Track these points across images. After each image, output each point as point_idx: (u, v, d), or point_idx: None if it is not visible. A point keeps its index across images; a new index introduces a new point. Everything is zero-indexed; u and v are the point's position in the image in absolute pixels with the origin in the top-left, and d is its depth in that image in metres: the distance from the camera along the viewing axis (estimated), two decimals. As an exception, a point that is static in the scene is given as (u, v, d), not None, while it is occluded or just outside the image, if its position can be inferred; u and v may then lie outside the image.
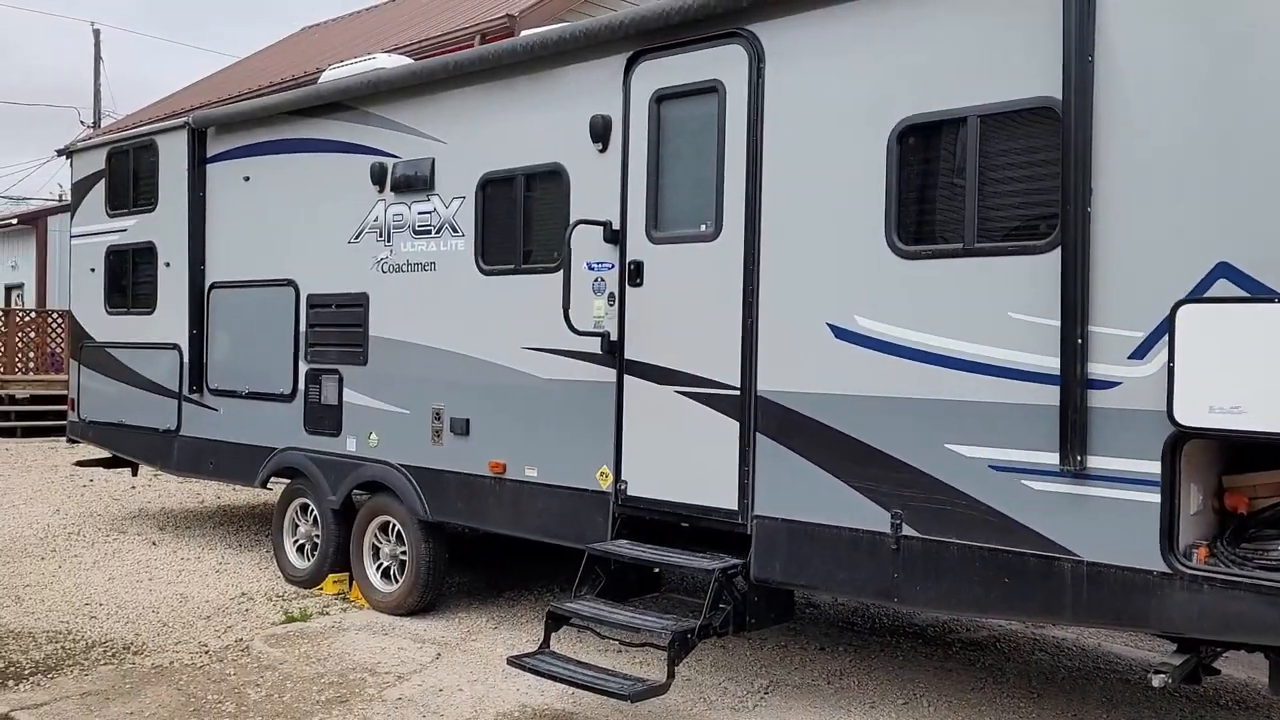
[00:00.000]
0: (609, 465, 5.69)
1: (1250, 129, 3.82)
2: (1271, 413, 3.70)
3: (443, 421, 6.52)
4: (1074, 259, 4.14)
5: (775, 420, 5.06)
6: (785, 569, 5.00)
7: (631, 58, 5.69)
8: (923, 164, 4.71)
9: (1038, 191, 4.35)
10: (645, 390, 5.56)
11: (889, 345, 4.70)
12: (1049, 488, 4.24)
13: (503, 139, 6.31)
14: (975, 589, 4.43)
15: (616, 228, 5.70)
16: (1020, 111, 4.38)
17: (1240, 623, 3.81)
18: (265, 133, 7.85)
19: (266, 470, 7.67)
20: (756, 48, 5.18)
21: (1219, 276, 3.86)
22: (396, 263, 6.88)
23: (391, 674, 5.69)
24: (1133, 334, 4.05)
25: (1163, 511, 3.95)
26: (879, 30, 4.78)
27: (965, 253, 4.50)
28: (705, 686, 5.54)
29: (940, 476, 4.53)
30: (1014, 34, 4.37)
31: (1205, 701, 5.48)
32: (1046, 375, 4.24)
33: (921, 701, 5.40)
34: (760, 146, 5.17)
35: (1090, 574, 4.12)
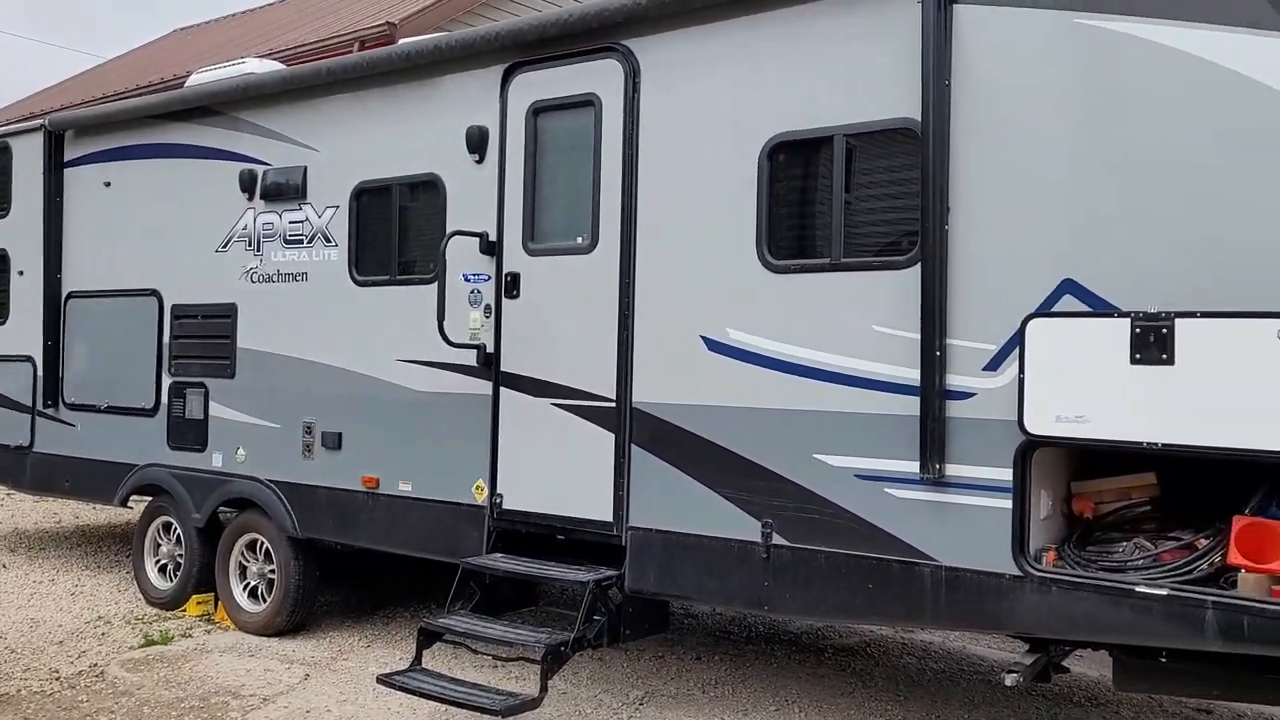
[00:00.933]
0: (484, 478, 5.64)
1: (1096, 152, 4.03)
2: (1112, 422, 3.90)
3: (314, 435, 6.37)
4: (933, 275, 4.30)
5: (650, 432, 5.10)
6: (659, 580, 5.04)
7: (509, 69, 5.68)
8: (792, 180, 4.83)
9: (900, 209, 4.51)
10: (521, 402, 5.54)
11: (760, 357, 4.80)
12: (910, 495, 4.38)
13: (378, 148, 6.22)
14: (842, 595, 4.54)
15: (493, 239, 5.67)
16: (883, 131, 4.54)
17: (1085, 622, 3.99)
18: (128, 137, 7.56)
19: (127, 488, 7.35)
20: (632, 63, 5.24)
21: (1065, 292, 4.06)
22: (267, 273, 6.70)
23: (257, 696, 5.51)
24: (987, 347, 4.23)
25: (1014, 517, 4.12)
26: (750, 49, 4.89)
27: (832, 267, 4.63)
28: (580, 699, 5.53)
29: (809, 486, 4.63)
30: (877, 56, 4.52)
31: (1060, 699, 5.73)
32: (908, 386, 4.38)
33: (793, 708, 5.50)
34: (636, 160, 5.22)
35: (948, 578, 4.27)
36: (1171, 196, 3.87)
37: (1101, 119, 4.03)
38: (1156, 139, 3.91)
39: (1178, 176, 3.87)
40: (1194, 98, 3.84)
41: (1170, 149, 3.89)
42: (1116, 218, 3.98)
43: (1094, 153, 4.04)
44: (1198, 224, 3.82)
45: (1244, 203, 3.75)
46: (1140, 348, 3.84)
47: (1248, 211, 3.74)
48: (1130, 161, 3.96)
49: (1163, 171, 3.90)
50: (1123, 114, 3.98)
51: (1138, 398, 3.84)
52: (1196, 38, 3.84)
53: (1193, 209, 3.83)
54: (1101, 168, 4.02)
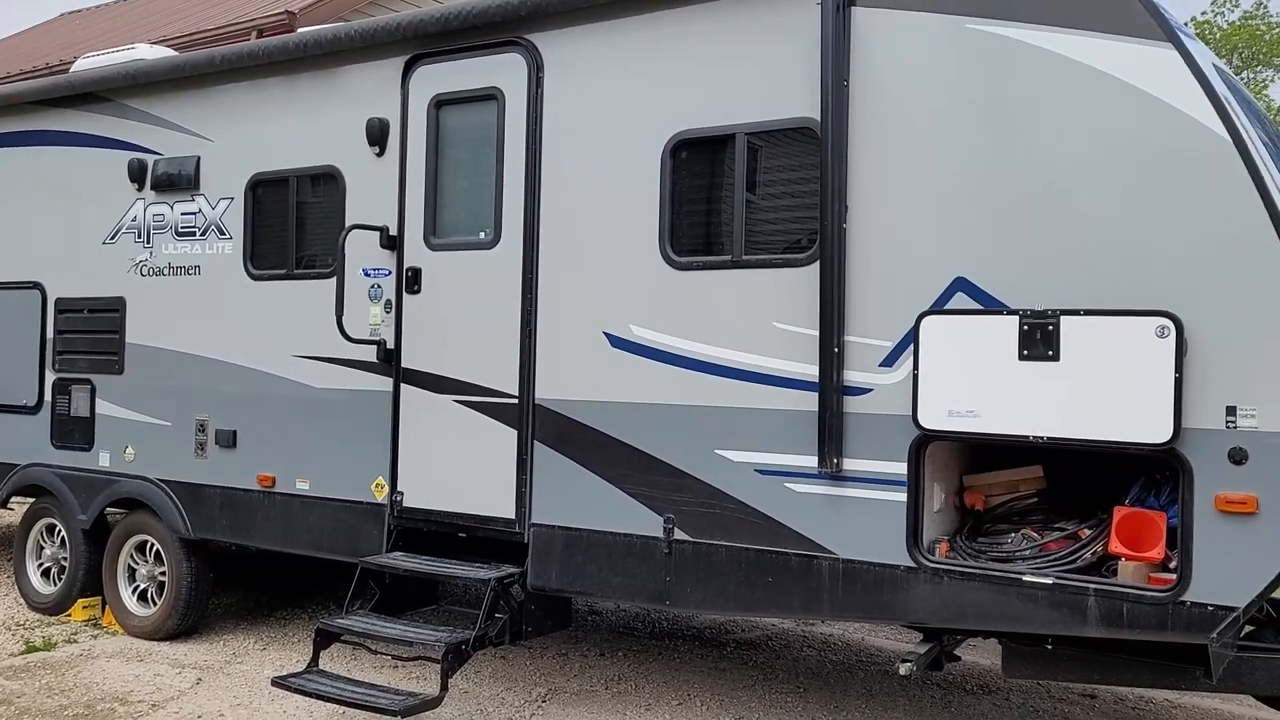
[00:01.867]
0: (385, 476, 5.55)
1: (988, 153, 4.15)
2: (1001, 416, 4.02)
3: (207, 433, 6.18)
4: (831, 272, 4.38)
5: (553, 428, 5.08)
6: (561, 576, 5.03)
7: (410, 61, 5.60)
8: (695, 178, 4.86)
9: (800, 208, 4.57)
10: (423, 399, 5.46)
11: (662, 353, 4.82)
12: (809, 489, 4.45)
13: (275, 139, 6.06)
14: (742, 589, 4.59)
15: (394, 234, 5.58)
16: (783, 130, 4.60)
17: (976, 611, 4.11)
18: (10, 123, 7.23)
19: (6, 488, 7.04)
20: (535, 57, 5.21)
21: (957, 290, 4.17)
22: (157, 265, 6.48)
23: (145, 702, 5.32)
24: (883, 343, 4.31)
25: (908, 509, 4.22)
26: (653, 46, 4.90)
27: (733, 264, 4.67)
28: (483, 698, 5.48)
29: (710, 481, 4.67)
30: (777, 56, 4.58)
31: (953, 688, 5.88)
32: (806, 382, 4.45)
33: (695, 701, 5.54)
34: (539, 155, 5.19)
35: (845, 570, 4.35)
36: (1059, 198, 4.01)
37: (992, 121, 4.15)
38: (1044, 141, 4.05)
39: (1065, 178, 4.00)
40: (1080, 103, 3.98)
41: (1057, 152, 4.02)
42: (1007, 217, 4.10)
43: (985, 154, 4.16)
44: (1083, 224, 3.96)
45: (1128, 203, 3.90)
46: (1027, 344, 3.96)
47: (1131, 211, 3.89)
48: (1019, 163, 4.09)
49: (1050, 173, 4.03)
50: (1013, 117, 4.11)
51: (1025, 392, 3.97)
52: (1082, 45, 3.98)
53: (1079, 210, 3.97)
54: (993, 169, 4.14)
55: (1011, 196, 4.09)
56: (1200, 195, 3.75)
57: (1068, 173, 4.00)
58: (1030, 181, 4.06)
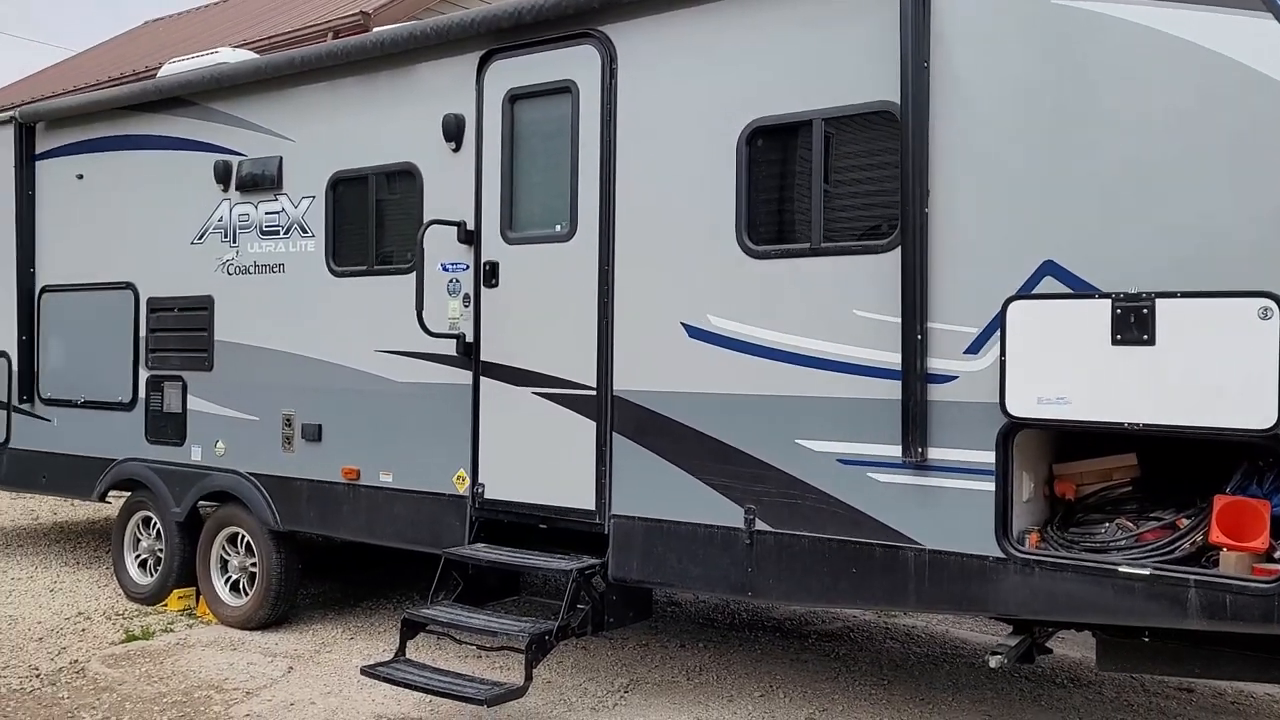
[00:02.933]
0: (466, 468, 5.61)
1: (1073, 135, 4.02)
2: (1093, 403, 3.90)
3: (294, 428, 6.31)
4: (913, 258, 4.29)
5: (631, 420, 5.08)
6: (642, 567, 5.03)
7: (484, 56, 5.63)
8: (771, 165, 4.80)
9: (879, 193, 4.49)
10: (502, 392, 5.50)
11: (741, 343, 4.78)
12: (893, 479, 4.38)
13: (354, 137, 6.15)
14: (825, 580, 4.54)
15: (471, 228, 5.63)
16: (862, 115, 4.52)
17: (1069, 603, 4.00)
18: (101, 128, 7.46)
19: (105, 483, 7.28)
20: (609, 49, 5.20)
21: (1046, 274, 4.06)
22: (243, 264, 6.64)
23: (240, 690, 5.47)
24: (968, 330, 4.22)
25: (997, 499, 4.12)
26: (727, 34, 4.86)
27: (812, 252, 4.61)
28: (565, 688, 5.52)
29: (791, 471, 4.62)
30: (855, 39, 4.50)
31: (1043, 681, 5.75)
32: (889, 370, 4.37)
33: (778, 693, 5.50)
34: (614, 147, 5.18)
35: (931, 561, 4.27)
36: (1151, 177, 3.87)
37: (1081, 99, 4.02)
38: (1137, 120, 3.91)
39: (1157, 156, 3.86)
40: (1173, 77, 3.83)
41: (1151, 130, 3.88)
42: (1097, 198, 3.97)
43: (1073, 133, 4.03)
44: (1179, 203, 3.82)
45: (1224, 181, 3.75)
46: (1121, 328, 3.84)
47: (1228, 190, 3.74)
48: (1109, 141, 3.95)
49: (1142, 151, 3.89)
50: (1102, 94, 3.97)
51: (1118, 378, 3.84)
52: (1175, 17, 3.83)
53: (1174, 188, 3.83)
54: (1081, 148, 4.01)
55: (1101, 177, 3.96)
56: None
57: (1161, 150, 3.86)
58: (1121, 160, 3.93)
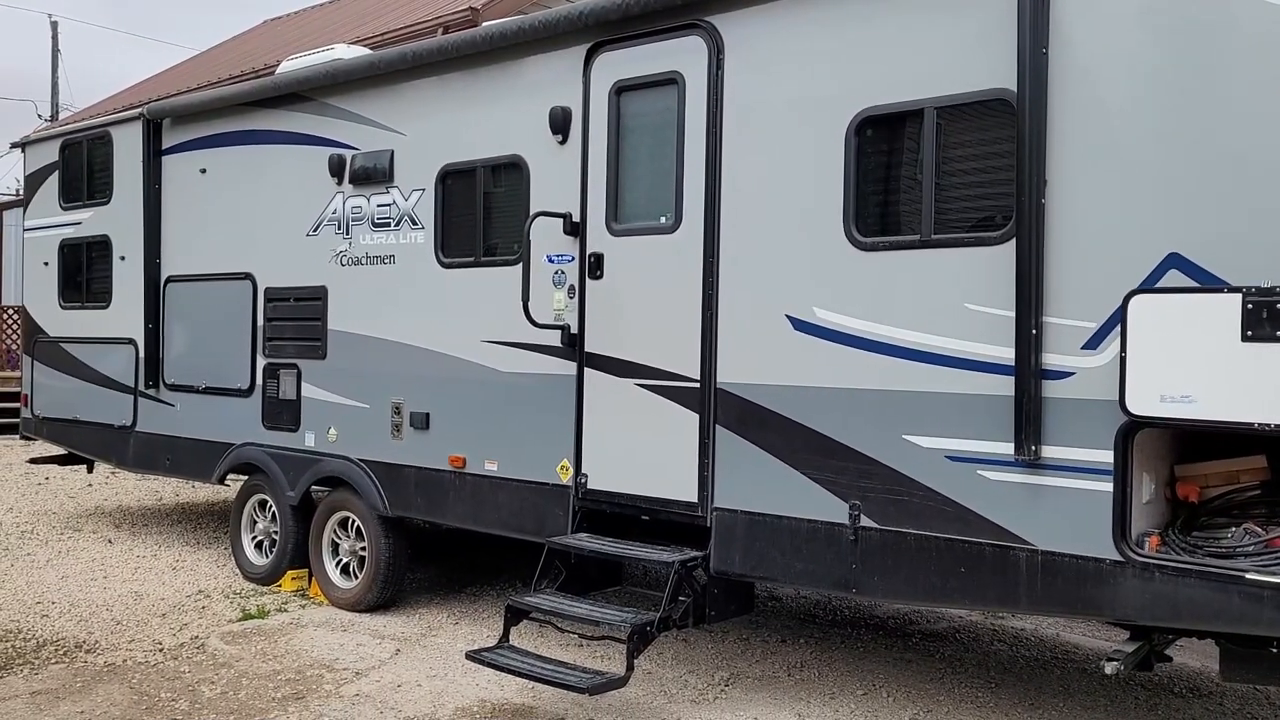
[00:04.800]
0: (569, 458, 5.66)
1: (1200, 122, 3.85)
2: (1220, 402, 3.73)
3: (402, 415, 6.46)
4: (1028, 250, 4.16)
5: (734, 412, 5.05)
6: (744, 561, 5.00)
7: (591, 49, 5.66)
8: (880, 156, 4.72)
9: (993, 183, 4.37)
10: (605, 383, 5.53)
11: (847, 337, 4.71)
12: (1004, 477, 4.26)
13: (462, 131, 6.26)
14: (932, 579, 4.45)
15: (576, 220, 5.67)
16: (976, 104, 4.40)
17: (1191, 610, 3.84)
18: (221, 124, 7.75)
19: (224, 466, 7.57)
20: (715, 39, 5.17)
21: (1170, 267, 3.90)
22: (355, 255, 6.81)
23: (350, 670, 5.63)
24: (1086, 324, 4.08)
25: (1115, 500, 3.98)
26: (836, 22, 4.78)
27: (922, 244, 4.52)
28: (665, 679, 5.53)
29: (897, 467, 4.54)
30: (970, 26, 4.38)
31: (1159, 689, 5.55)
32: (1002, 366, 4.26)
33: (881, 692, 5.42)
34: (720, 138, 5.16)
35: (1045, 563, 4.15)
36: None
37: (1206, 82, 3.84)
38: (1266, 102, 3.72)
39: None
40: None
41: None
42: (1226, 188, 3.80)
43: (1199, 119, 3.86)
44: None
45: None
46: (1252, 324, 3.66)
47: (1371, 180, 3.53)
48: (1238, 127, 3.77)
49: (1273, 137, 3.70)
50: (1230, 76, 3.80)
51: (1249, 377, 3.67)
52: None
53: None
54: (1207, 135, 3.83)
55: (1230, 164, 3.78)
56: None
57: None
58: (1250, 147, 3.74)
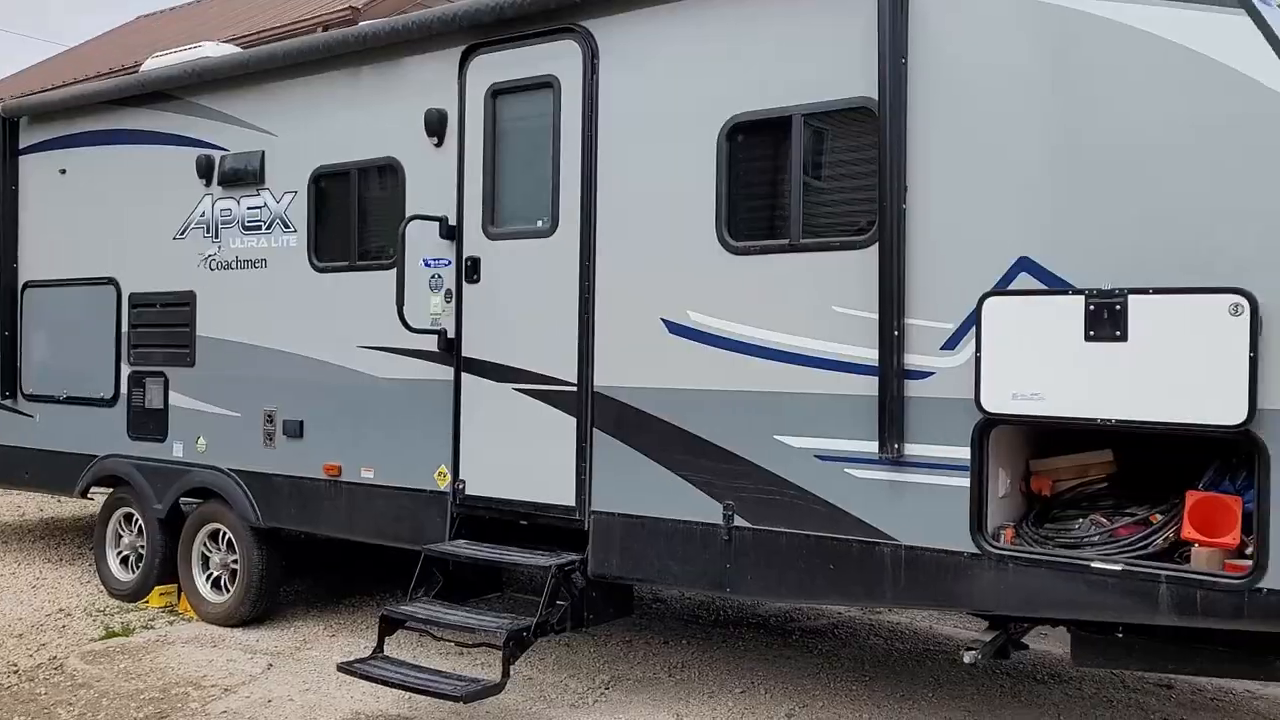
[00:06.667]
0: (447, 464, 5.61)
1: (1053, 131, 4.02)
2: (1068, 398, 3.91)
3: (275, 424, 6.30)
4: (890, 254, 4.29)
5: (612, 416, 5.08)
6: (622, 564, 5.03)
7: (466, 51, 5.62)
8: (751, 161, 4.80)
9: (859, 189, 4.50)
10: (483, 388, 5.50)
11: (721, 340, 4.78)
12: (870, 475, 4.38)
13: (336, 132, 6.14)
14: (802, 576, 4.54)
15: (453, 224, 5.62)
16: (841, 111, 4.52)
17: (1042, 599, 4.01)
18: (83, 123, 7.44)
19: (87, 479, 7.26)
20: (591, 44, 5.19)
21: (1020, 270, 4.06)
22: (225, 259, 6.62)
23: (218, 687, 5.46)
24: (944, 326, 4.22)
25: (972, 495, 4.13)
26: (707, 29, 4.85)
27: (791, 248, 4.61)
28: (545, 684, 5.52)
29: (770, 467, 4.63)
30: (833, 34, 4.50)
31: (1023, 676, 5.77)
32: (867, 366, 4.38)
33: (759, 689, 5.51)
34: (595, 142, 5.18)
35: (908, 557, 4.28)
36: (1125, 174, 3.87)
37: (1056, 96, 4.02)
38: (1110, 115, 3.91)
39: (1131, 153, 3.87)
40: (1147, 74, 3.84)
41: (1124, 126, 3.89)
42: (1072, 195, 3.98)
43: (1049, 130, 4.03)
44: (1151, 200, 3.83)
45: (1197, 178, 3.75)
46: (1094, 325, 3.85)
47: (1201, 187, 3.74)
48: (1084, 138, 3.96)
49: (1116, 148, 3.90)
50: (1076, 90, 3.98)
51: (1092, 374, 3.85)
52: (1149, 14, 3.83)
53: (1146, 185, 3.84)
54: (1056, 145, 4.01)
55: (1076, 173, 3.97)
56: (1274, 166, 3.59)
57: (1135, 148, 3.86)
58: (1095, 157, 3.94)
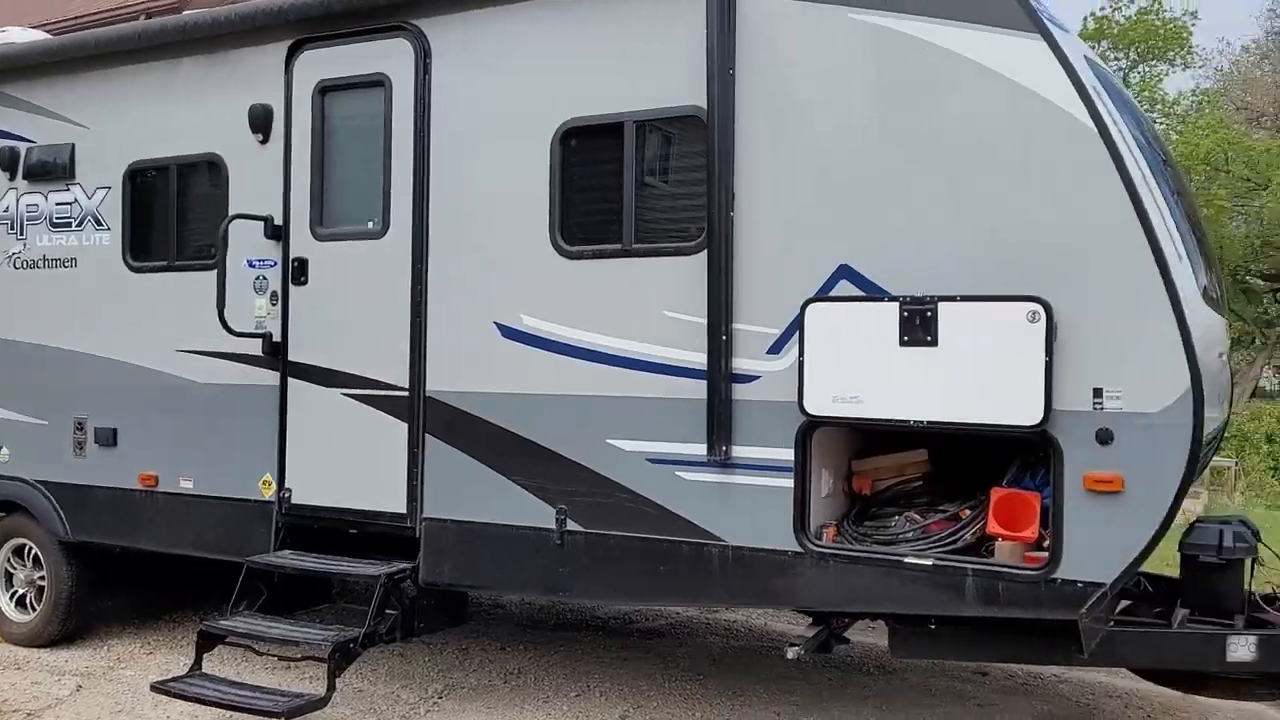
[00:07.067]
0: (272, 473, 5.41)
1: (870, 142, 4.18)
2: (882, 401, 4.07)
3: (86, 432, 5.95)
4: (719, 260, 4.38)
5: (444, 421, 5.00)
6: (454, 571, 4.96)
7: (294, 46, 5.44)
8: (585, 166, 4.82)
9: (689, 196, 4.57)
10: (310, 393, 5.33)
11: (554, 343, 4.77)
12: (699, 477, 4.45)
13: (155, 126, 5.85)
14: (635, 579, 4.58)
15: (279, 223, 5.44)
16: (671, 119, 4.59)
17: (860, 594, 4.16)
18: None
19: (-127, 494, 6.68)
20: (423, 43, 5.11)
21: (841, 277, 4.21)
22: (31, 258, 6.22)
23: (20, 712, 5.11)
24: (770, 330, 4.33)
25: (795, 495, 4.25)
26: (542, 32, 4.84)
27: (624, 253, 4.65)
28: (376, 696, 5.39)
29: (602, 471, 4.65)
30: (664, 43, 4.55)
31: (850, 669, 5.96)
32: (696, 370, 4.45)
33: (595, 693, 5.52)
34: (428, 143, 5.10)
35: (735, 557, 4.37)
36: (937, 185, 4.06)
37: (873, 109, 4.19)
38: (922, 130, 4.10)
39: (942, 166, 4.06)
40: (954, 91, 4.04)
41: (935, 140, 4.07)
42: (888, 205, 4.14)
43: (867, 142, 4.20)
44: (960, 211, 4.02)
45: (999, 190, 3.97)
46: (907, 330, 4.02)
47: (1002, 203, 3.96)
48: (900, 151, 4.13)
49: (929, 164, 4.08)
50: (892, 105, 4.16)
51: (905, 378, 4.02)
52: (956, 35, 4.03)
53: (956, 197, 4.03)
54: (875, 156, 4.17)
55: (892, 184, 4.14)
56: (1066, 182, 3.84)
57: (945, 160, 4.05)
58: (910, 169, 4.11)
